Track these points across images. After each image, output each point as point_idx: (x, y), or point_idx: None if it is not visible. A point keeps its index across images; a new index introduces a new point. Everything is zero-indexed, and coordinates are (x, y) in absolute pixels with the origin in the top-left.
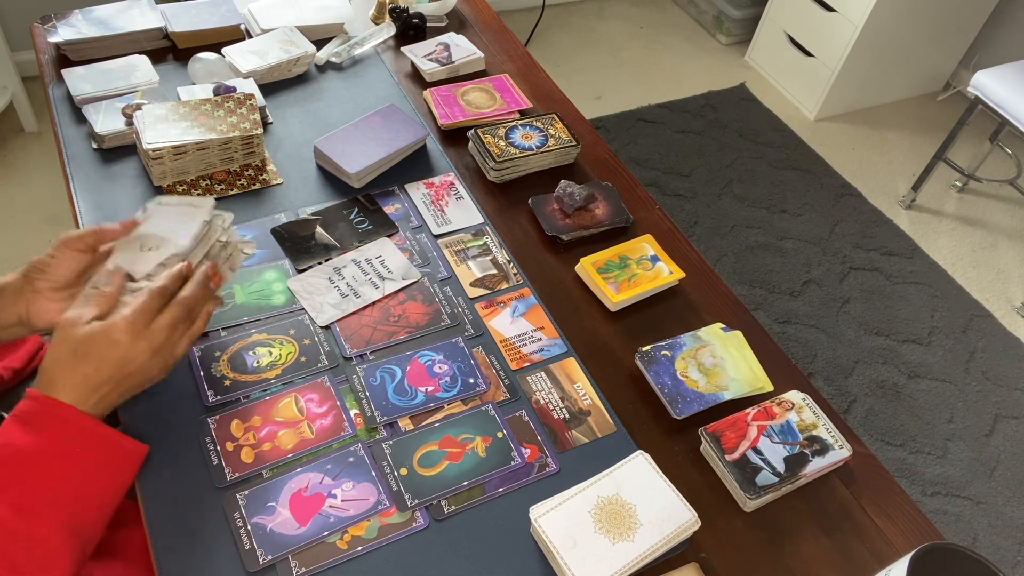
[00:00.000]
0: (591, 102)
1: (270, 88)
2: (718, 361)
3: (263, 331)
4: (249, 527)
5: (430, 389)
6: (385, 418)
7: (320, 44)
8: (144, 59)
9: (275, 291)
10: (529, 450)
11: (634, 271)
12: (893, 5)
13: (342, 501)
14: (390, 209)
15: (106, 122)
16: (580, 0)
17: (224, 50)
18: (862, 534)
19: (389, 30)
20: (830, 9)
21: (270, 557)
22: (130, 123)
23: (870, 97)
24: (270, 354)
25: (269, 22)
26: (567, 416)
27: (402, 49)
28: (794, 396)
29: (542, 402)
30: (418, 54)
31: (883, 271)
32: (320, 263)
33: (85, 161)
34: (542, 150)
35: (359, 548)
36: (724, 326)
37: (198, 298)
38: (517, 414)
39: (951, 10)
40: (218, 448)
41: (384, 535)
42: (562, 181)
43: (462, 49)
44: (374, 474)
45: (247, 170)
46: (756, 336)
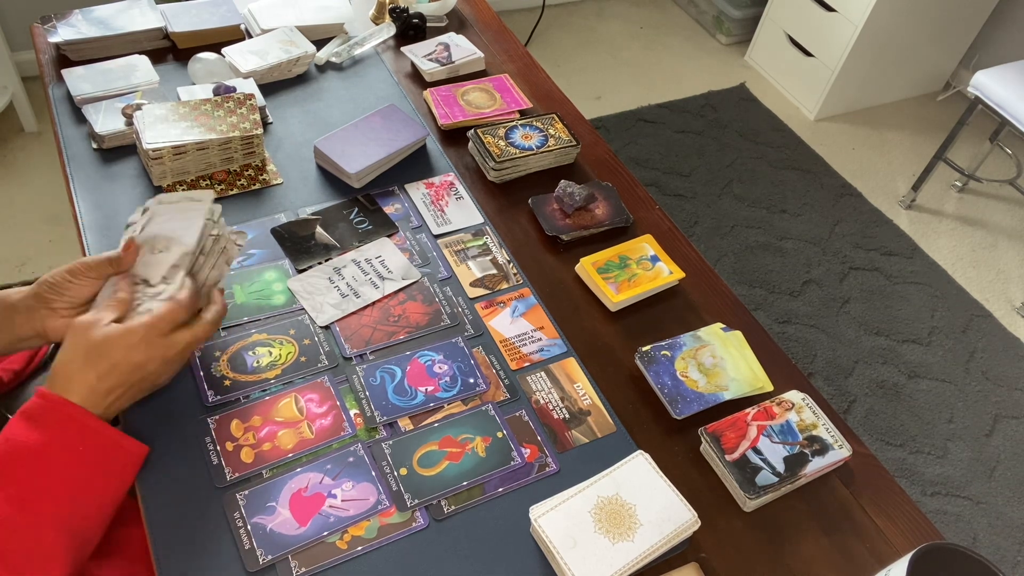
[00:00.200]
0: (591, 102)
1: (270, 88)
2: (718, 361)
3: (263, 331)
4: (249, 527)
5: (430, 389)
6: (385, 418)
7: (320, 44)
8: (144, 59)
9: (275, 291)
10: (529, 450)
11: (634, 271)
12: (893, 5)
13: (342, 501)
14: (390, 209)
15: (106, 122)
16: (580, 0)
17: (224, 50)
18: (862, 534)
19: (389, 30)
20: (830, 9)
21: (270, 557)
22: (130, 123)
23: (870, 97)
24: (270, 354)
25: (269, 22)
26: (567, 416)
27: (402, 49)
28: (794, 396)
29: (542, 402)
30: (418, 54)
31: (883, 271)
32: (320, 263)
33: (85, 161)
34: (542, 150)
35: (359, 548)
36: (724, 326)
37: (223, 312)
38: (517, 414)
39: (951, 10)
40: (218, 448)
41: (384, 535)
42: (562, 181)
43: (462, 49)
44: (374, 474)
45: (247, 170)
46: (756, 336)
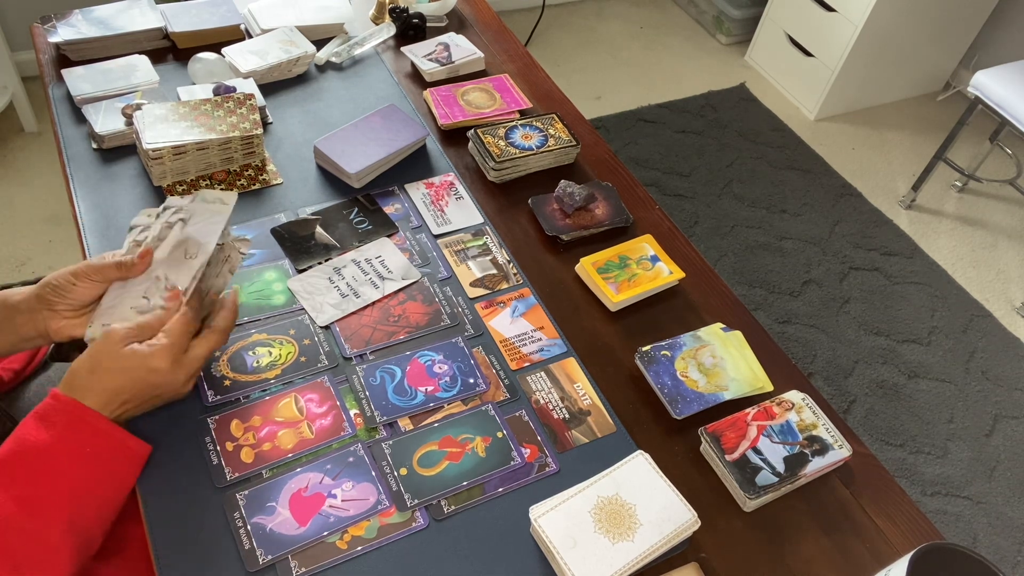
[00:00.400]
0: (591, 102)
1: (270, 88)
2: (718, 361)
3: (263, 331)
4: (249, 527)
5: (430, 389)
6: (385, 418)
7: (320, 44)
8: (144, 59)
9: (275, 291)
10: (529, 450)
11: (634, 271)
12: (893, 5)
13: (342, 501)
14: (390, 209)
15: (106, 122)
16: (580, 0)
17: (224, 50)
18: (862, 534)
19: (389, 30)
20: (830, 9)
21: (270, 557)
22: (130, 123)
23: (870, 97)
24: (270, 354)
25: (269, 22)
26: (567, 416)
27: (402, 49)
28: (794, 396)
29: (542, 402)
30: (418, 54)
31: (883, 271)
32: (320, 263)
33: (85, 161)
34: (542, 150)
35: (359, 548)
36: (724, 326)
37: (233, 320)
38: (517, 414)
39: (951, 10)
40: (218, 448)
41: (384, 535)
42: (562, 181)
43: (462, 49)
44: (374, 474)
45: (247, 170)
46: (756, 336)
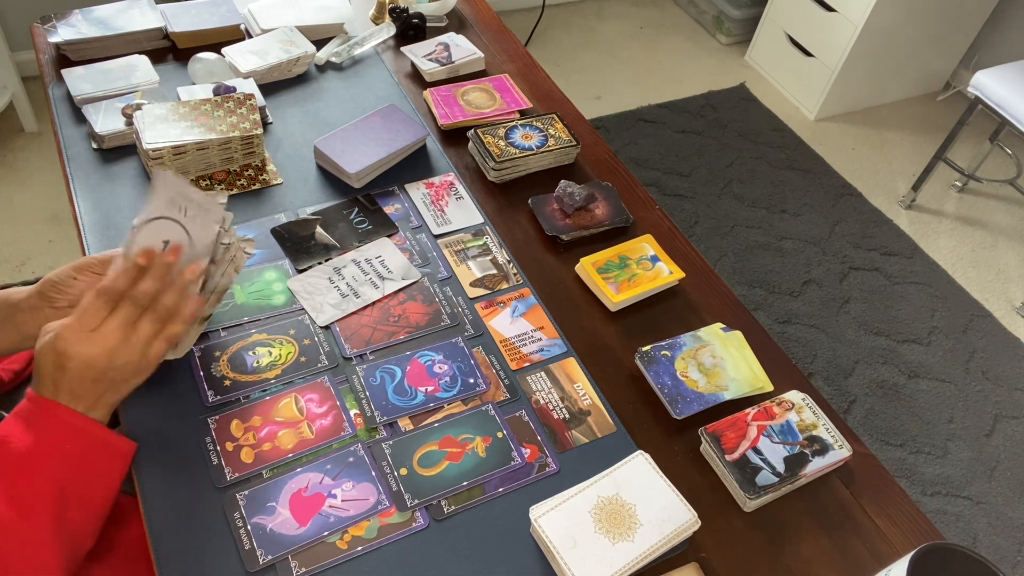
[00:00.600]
0: (591, 102)
1: (270, 88)
2: (718, 361)
3: (263, 331)
4: (249, 527)
5: (430, 389)
6: (385, 418)
7: (320, 44)
8: (144, 59)
9: (275, 291)
10: (529, 450)
11: (634, 271)
12: (893, 5)
13: (342, 501)
14: (390, 209)
15: (106, 122)
16: (580, 0)
17: (224, 50)
18: (862, 534)
19: (389, 30)
20: (830, 9)
21: (270, 557)
22: (130, 123)
23: (870, 97)
24: (270, 354)
25: (269, 22)
26: (567, 416)
27: (402, 49)
28: (794, 396)
29: (542, 402)
30: (418, 54)
31: (883, 271)
32: (320, 263)
33: (85, 161)
34: (542, 150)
35: (359, 548)
36: (724, 326)
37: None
38: (517, 414)
39: (951, 10)
40: (218, 448)
41: (384, 535)
42: (562, 181)
43: (462, 49)
44: (374, 474)
45: (247, 170)
46: (756, 336)
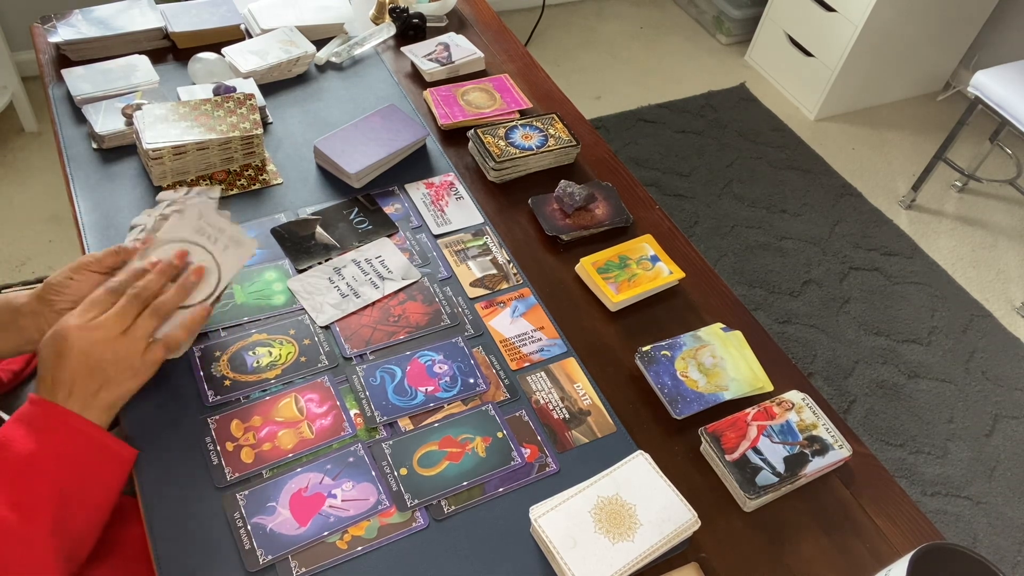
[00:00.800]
0: (591, 102)
1: (270, 88)
2: (718, 361)
3: (263, 331)
4: (249, 527)
5: (430, 389)
6: (385, 418)
7: (320, 44)
8: (144, 59)
9: (275, 291)
10: (529, 450)
11: (634, 271)
12: (893, 5)
13: (342, 501)
14: (390, 209)
15: (106, 122)
16: (580, 0)
17: (224, 50)
18: (862, 534)
19: (389, 30)
20: (830, 9)
21: (270, 557)
22: (130, 123)
23: (870, 97)
24: (270, 354)
25: (269, 22)
26: (567, 416)
27: (402, 49)
28: (794, 396)
29: (542, 402)
30: (418, 54)
31: (883, 271)
32: (320, 263)
33: (85, 161)
34: (542, 150)
35: (359, 548)
36: (724, 326)
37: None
38: (517, 414)
39: (951, 10)
40: (218, 448)
41: (384, 535)
42: (562, 181)
43: (462, 49)
44: (374, 474)
45: (247, 170)
46: (756, 336)
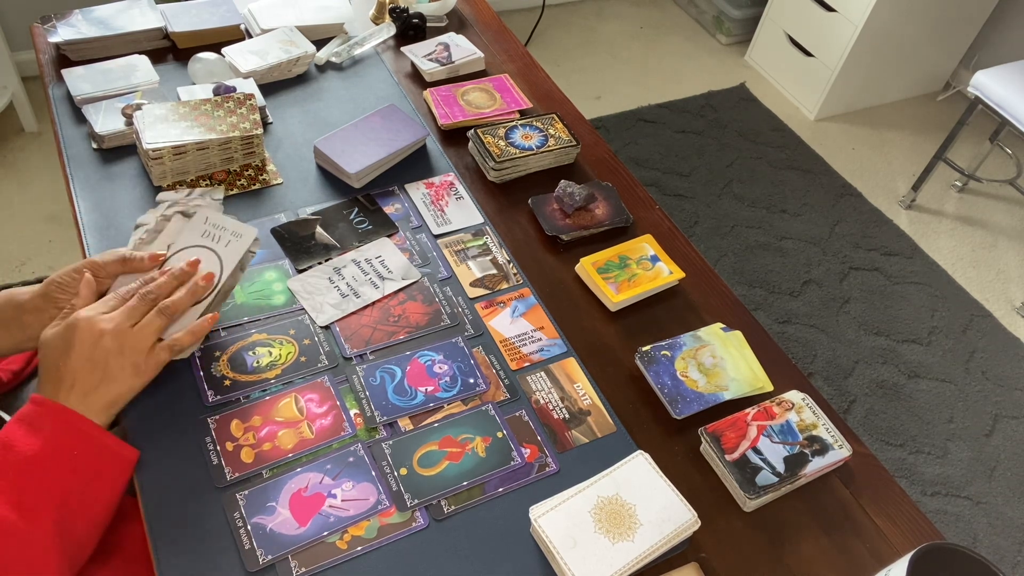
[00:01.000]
0: (591, 102)
1: (270, 88)
2: (718, 361)
3: (263, 331)
4: (249, 527)
5: (430, 389)
6: (385, 418)
7: (320, 44)
8: (144, 59)
9: (275, 291)
10: (529, 450)
11: (634, 271)
12: (893, 5)
13: (342, 501)
14: (390, 209)
15: (106, 122)
16: (580, 0)
17: (224, 50)
18: (862, 534)
19: (389, 30)
20: (830, 9)
21: (270, 557)
22: (130, 123)
23: (870, 97)
24: (270, 354)
25: (269, 22)
26: (567, 416)
27: (402, 49)
28: (794, 396)
29: (542, 402)
30: (418, 54)
31: (883, 271)
32: (320, 263)
33: (85, 161)
34: (542, 150)
35: (359, 548)
36: (724, 326)
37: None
38: (517, 414)
39: (951, 10)
40: (218, 448)
41: (384, 535)
42: (562, 181)
43: (462, 49)
44: (374, 474)
45: (247, 170)
46: (756, 336)
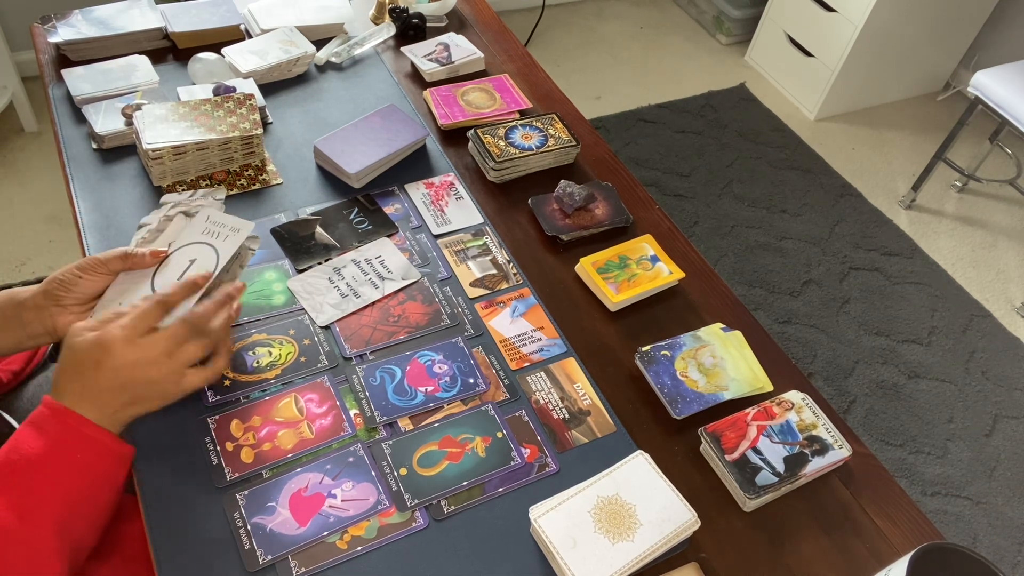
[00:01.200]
0: (591, 102)
1: (270, 88)
2: (718, 361)
3: (263, 331)
4: (249, 527)
5: (430, 389)
6: (385, 418)
7: (320, 44)
8: (144, 59)
9: (275, 291)
10: (529, 450)
11: (634, 271)
12: (893, 5)
13: (342, 501)
14: (390, 209)
15: (106, 122)
16: (580, 0)
17: (224, 50)
18: (862, 534)
19: (389, 30)
20: (830, 9)
21: (270, 557)
22: (130, 123)
23: (870, 97)
24: (270, 354)
25: (269, 22)
26: (567, 416)
27: (402, 49)
28: (794, 396)
29: (542, 402)
30: (418, 54)
31: (883, 271)
32: (320, 263)
33: (85, 161)
34: (542, 150)
35: (359, 548)
36: (724, 326)
37: (208, 317)
38: (517, 414)
39: (951, 10)
40: (218, 448)
41: (384, 535)
42: (562, 181)
43: (462, 49)
44: (374, 474)
45: (247, 170)
46: (756, 336)
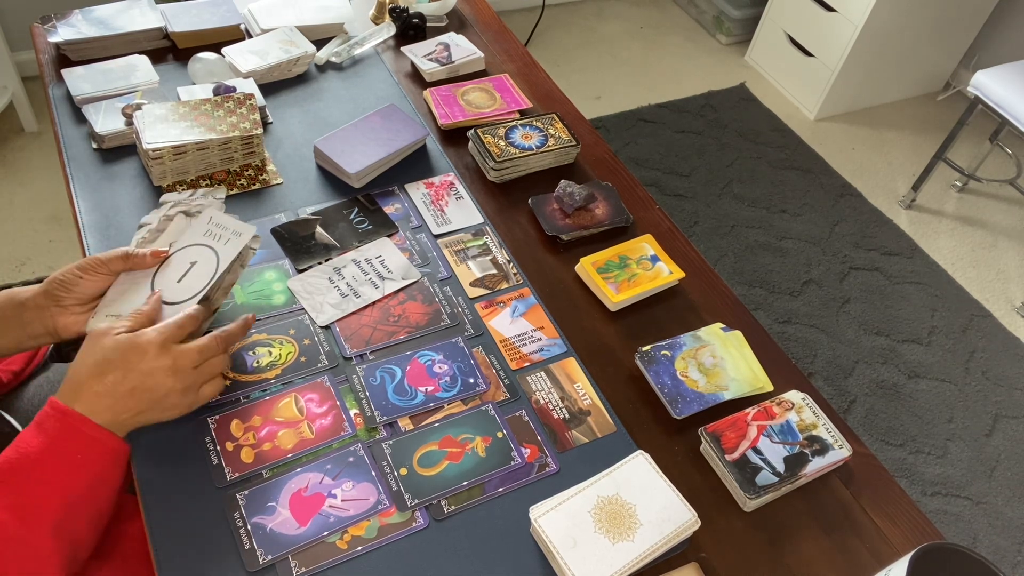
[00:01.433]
0: (591, 102)
1: (270, 88)
2: (718, 361)
3: (263, 331)
4: (249, 527)
5: (430, 389)
6: (385, 418)
7: (320, 44)
8: (144, 59)
9: (275, 291)
10: (529, 450)
11: (634, 271)
12: (893, 5)
13: (342, 501)
14: (390, 209)
15: (106, 122)
16: (580, 0)
17: (224, 50)
18: (862, 534)
19: (389, 30)
20: (830, 9)
21: (270, 557)
22: (130, 123)
23: (870, 97)
24: (270, 354)
25: (269, 22)
26: (567, 416)
27: (402, 49)
28: (794, 396)
29: (542, 402)
30: (418, 54)
31: (883, 271)
32: (320, 263)
33: (85, 161)
34: (542, 150)
35: (359, 548)
36: (724, 326)
37: (236, 338)
38: (517, 414)
39: (951, 10)
40: (218, 448)
41: (384, 535)
42: (562, 181)
43: (462, 49)
44: (374, 474)
45: (247, 170)
46: (756, 336)
